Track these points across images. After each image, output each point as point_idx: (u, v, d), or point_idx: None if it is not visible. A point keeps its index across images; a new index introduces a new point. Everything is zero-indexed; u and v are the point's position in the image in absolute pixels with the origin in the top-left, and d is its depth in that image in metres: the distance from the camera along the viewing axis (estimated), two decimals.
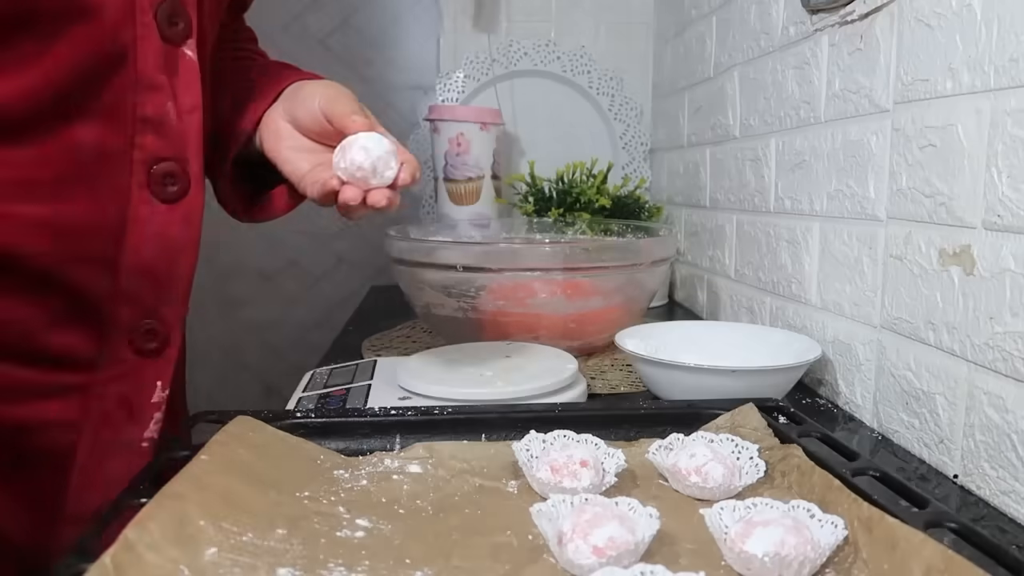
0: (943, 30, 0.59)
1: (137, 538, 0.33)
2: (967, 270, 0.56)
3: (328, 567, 0.36)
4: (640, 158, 1.52)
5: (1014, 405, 0.52)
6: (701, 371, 0.69)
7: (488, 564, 0.37)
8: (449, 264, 0.86)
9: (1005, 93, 0.52)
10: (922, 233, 0.62)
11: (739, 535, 0.37)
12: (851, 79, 0.73)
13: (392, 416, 0.52)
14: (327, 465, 0.47)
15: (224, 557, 0.35)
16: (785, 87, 0.87)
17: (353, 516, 0.41)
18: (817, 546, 0.36)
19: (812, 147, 0.81)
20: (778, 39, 0.89)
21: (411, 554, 0.37)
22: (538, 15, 1.50)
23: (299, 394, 0.68)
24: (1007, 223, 0.52)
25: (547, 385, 0.63)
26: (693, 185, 1.24)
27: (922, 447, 0.62)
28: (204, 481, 0.39)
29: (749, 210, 0.99)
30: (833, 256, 0.77)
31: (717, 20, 1.11)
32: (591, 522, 0.36)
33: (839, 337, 0.75)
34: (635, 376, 0.83)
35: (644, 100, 1.52)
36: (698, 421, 0.54)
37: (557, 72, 1.49)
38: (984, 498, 0.55)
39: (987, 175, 0.54)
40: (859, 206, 0.71)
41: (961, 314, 0.57)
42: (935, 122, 0.60)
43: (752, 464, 0.46)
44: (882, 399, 0.68)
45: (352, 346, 1.00)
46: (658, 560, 0.36)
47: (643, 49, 1.51)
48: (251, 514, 0.39)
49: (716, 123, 1.12)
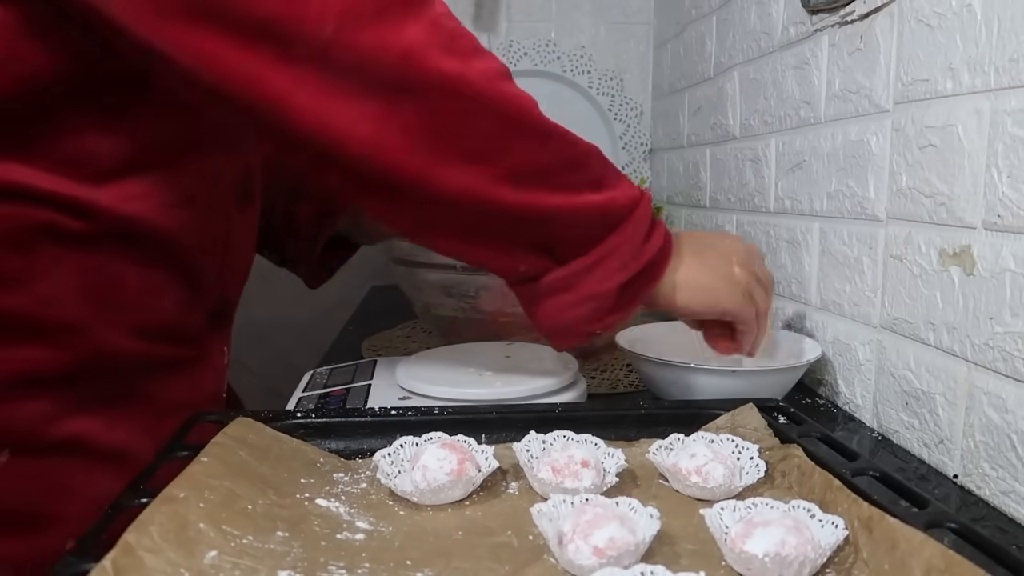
0: (943, 30, 0.59)
1: (137, 541, 0.33)
2: (967, 270, 0.56)
3: (328, 569, 0.36)
4: (640, 158, 1.52)
5: (1014, 405, 0.52)
6: (701, 371, 0.69)
7: (488, 565, 0.37)
8: (449, 264, 0.86)
9: (1005, 93, 0.52)
10: (922, 233, 0.62)
11: (739, 535, 0.37)
12: (851, 79, 0.73)
13: (392, 416, 0.52)
14: (327, 468, 0.47)
15: (224, 560, 0.35)
16: (785, 87, 0.87)
17: (353, 518, 0.41)
18: (817, 546, 0.36)
19: (812, 147, 0.81)
20: (778, 39, 0.89)
21: (411, 555, 0.37)
22: (538, 15, 1.50)
23: (299, 394, 0.68)
24: (1007, 223, 0.52)
25: (547, 385, 0.63)
26: (693, 185, 1.24)
27: (922, 447, 0.62)
28: (204, 483, 0.39)
29: (749, 210, 0.99)
30: (833, 256, 0.77)
31: (717, 20, 1.11)
32: (591, 522, 0.36)
33: (839, 337, 0.75)
34: (635, 376, 0.83)
35: (644, 100, 1.52)
36: (698, 421, 0.54)
37: (557, 72, 1.49)
38: (984, 498, 0.55)
39: (987, 175, 0.54)
40: (859, 206, 0.71)
41: (961, 314, 0.57)
42: (935, 122, 0.60)
43: (752, 464, 0.46)
44: (882, 399, 0.68)
45: (352, 346, 1.00)
46: (659, 560, 0.36)
47: (643, 49, 1.51)
48: (251, 516, 0.39)
49: (716, 123, 1.12)
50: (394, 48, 0.47)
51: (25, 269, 0.53)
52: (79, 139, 0.53)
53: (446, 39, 0.49)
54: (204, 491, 0.38)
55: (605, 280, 0.56)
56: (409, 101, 0.48)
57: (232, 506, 0.39)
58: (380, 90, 0.47)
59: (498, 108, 0.50)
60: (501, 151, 0.51)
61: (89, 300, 0.55)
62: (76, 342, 0.55)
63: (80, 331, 0.55)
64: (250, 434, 0.46)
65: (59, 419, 0.55)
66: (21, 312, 0.53)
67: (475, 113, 0.49)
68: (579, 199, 0.54)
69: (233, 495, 0.40)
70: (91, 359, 0.56)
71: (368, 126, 0.48)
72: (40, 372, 0.54)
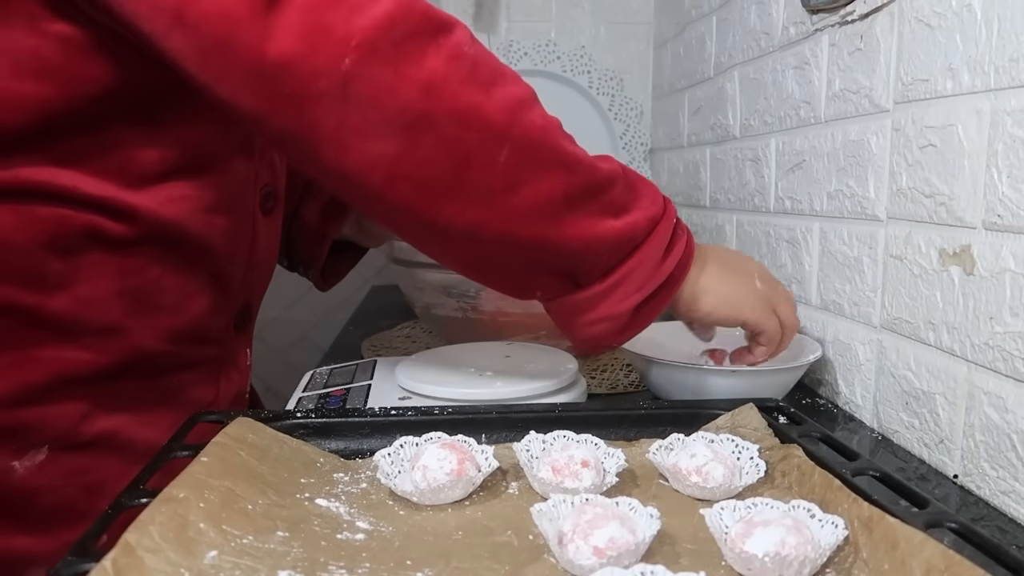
0: (943, 30, 0.59)
1: (137, 541, 0.33)
2: (967, 270, 0.56)
3: (329, 569, 0.36)
4: (640, 158, 1.52)
5: (1014, 405, 0.52)
6: (701, 371, 0.69)
7: (488, 565, 0.37)
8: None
9: (1005, 93, 0.52)
10: (922, 233, 0.62)
11: (739, 535, 0.37)
12: (851, 79, 0.73)
13: (392, 416, 0.52)
14: (327, 468, 0.47)
15: (225, 560, 0.35)
16: (785, 87, 0.87)
17: (353, 518, 0.41)
18: (817, 546, 0.36)
19: (812, 147, 0.81)
20: (778, 39, 0.89)
21: (411, 555, 0.38)
22: (538, 15, 1.50)
23: (299, 394, 0.68)
24: (1007, 223, 0.52)
25: (547, 385, 0.63)
26: (693, 185, 1.24)
27: (922, 447, 0.62)
28: (204, 483, 0.39)
29: (749, 210, 0.99)
30: (833, 256, 0.77)
31: (717, 20, 1.11)
32: (592, 522, 0.36)
33: (839, 337, 0.75)
34: (635, 376, 0.83)
35: (644, 100, 1.52)
36: (698, 421, 0.54)
37: (557, 72, 1.49)
38: (984, 498, 0.55)
39: (987, 175, 0.54)
40: (859, 206, 0.71)
41: (961, 314, 0.57)
42: (935, 122, 0.60)
43: (752, 464, 0.46)
44: (882, 399, 0.68)
45: (352, 346, 1.00)
46: (659, 560, 0.36)
47: (643, 49, 1.51)
48: (251, 516, 0.39)
49: (716, 123, 1.12)
50: (413, 81, 0.47)
51: (67, 272, 0.54)
52: (122, 145, 0.54)
53: (466, 70, 0.48)
54: (204, 491, 0.38)
55: (622, 302, 0.56)
56: (427, 135, 0.48)
57: (232, 506, 0.39)
58: (399, 125, 0.47)
59: (516, 140, 0.50)
60: (518, 184, 0.51)
61: (127, 302, 0.56)
62: (113, 343, 0.56)
63: (118, 333, 0.56)
64: (250, 434, 0.46)
65: (94, 417, 0.57)
66: (62, 314, 0.54)
67: (493, 147, 0.49)
68: (598, 228, 0.53)
69: (233, 495, 0.40)
70: (127, 360, 0.57)
71: (386, 162, 0.48)
72: (78, 372, 0.55)
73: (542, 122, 0.52)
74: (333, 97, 0.46)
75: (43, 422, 0.55)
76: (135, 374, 0.58)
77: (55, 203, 0.52)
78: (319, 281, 0.90)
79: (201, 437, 0.45)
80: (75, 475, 0.56)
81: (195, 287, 0.61)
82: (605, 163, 0.55)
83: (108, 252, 0.55)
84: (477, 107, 0.48)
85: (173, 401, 0.62)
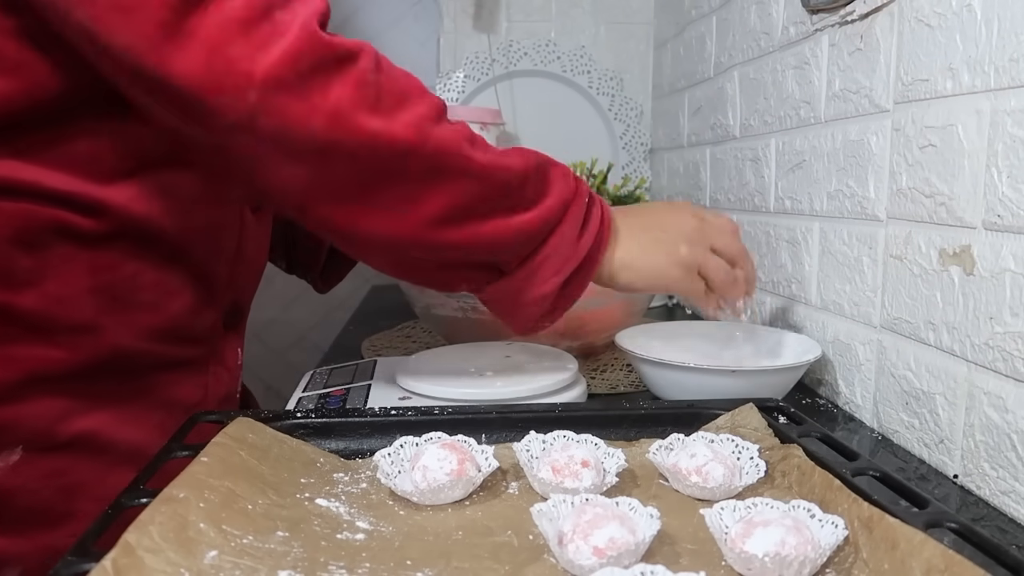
0: (943, 30, 0.59)
1: (137, 541, 0.33)
2: (967, 270, 0.56)
3: (329, 569, 0.36)
4: (640, 158, 1.52)
5: (1014, 405, 0.52)
6: (701, 371, 0.69)
7: (488, 564, 0.37)
8: None
9: (1005, 93, 0.52)
10: (922, 233, 0.62)
11: (739, 535, 0.37)
12: (851, 79, 0.73)
13: (392, 416, 0.52)
14: (327, 468, 0.47)
15: (225, 560, 0.35)
16: (785, 87, 0.87)
17: (353, 518, 0.41)
18: (817, 546, 0.36)
19: (812, 147, 0.81)
20: (778, 39, 0.89)
21: (411, 555, 0.38)
22: (538, 15, 1.50)
23: (299, 394, 0.68)
24: (1007, 223, 0.52)
25: (547, 385, 0.63)
26: (693, 185, 1.24)
27: (922, 447, 0.62)
28: (204, 483, 0.39)
29: (749, 210, 0.99)
30: (833, 256, 0.77)
31: (717, 20, 1.11)
32: (592, 522, 0.36)
33: (839, 337, 0.75)
34: (635, 376, 0.83)
35: (644, 100, 1.52)
36: (698, 421, 0.54)
37: (557, 72, 1.49)
38: (984, 498, 0.55)
39: (987, 175, 0.54)
40: (859, 206, 0.71)
41: (961, 314, 0.57)
42: (935, 122, 0.60)
43: (752, 464, 0.46)
44: (882, 399, 0.68)
45: (352, 346, 1.00)
46: (659, 560, 0.36)
47: (643, 49, 1.51)
48: (251, 516, 0.39)
49: (716, 123, 1.12)
50: (320, 112, 0.48)
51: (36, 268, 0.53)
52: (89, 138, 0.54)
53: (372, 97, 0.50)
54: (204, 491, 0.38)
55: (543, 284, 0.58)
56: (337, 161, 0.50)
57: (232, 506, 0.39)
58: (308, 152, 0.49)
59: (424, 156, 0.51)
60: (428, 196, 0.52)
61: (101, 300, 0.56)
62: (88, 341, 0.56)
63: (92, 330, 0.56)
64: (250, 434, 0.46)
65: (72, 417, 0.56)
66: (33, 311, 0.54)
67: (401, 164, 0.51)
68: (511, 223, 0.55)
69: (233, 495, 0.40)
70: (103, 358, 0.57)
71: (301, 185, 0.51)
72: (52, 371, 0.55)
73: (448, 135, 0.53)
74: (243, 129, 0.47)
75: (16, 422, 0.54)
76: (114, 373, 0.58)
77: (19, 198, 0.52)
78: (318, 283, 0.90)
79: (201, 437, 0.45)
80: (51, 477, 0.56)
81: (176, 285, 0.60)
82: (516, 160, 0.56)
83: (78, 248, 0.54)
84: (384, 130, 0.50)
85: (157, 401, 0.61)
